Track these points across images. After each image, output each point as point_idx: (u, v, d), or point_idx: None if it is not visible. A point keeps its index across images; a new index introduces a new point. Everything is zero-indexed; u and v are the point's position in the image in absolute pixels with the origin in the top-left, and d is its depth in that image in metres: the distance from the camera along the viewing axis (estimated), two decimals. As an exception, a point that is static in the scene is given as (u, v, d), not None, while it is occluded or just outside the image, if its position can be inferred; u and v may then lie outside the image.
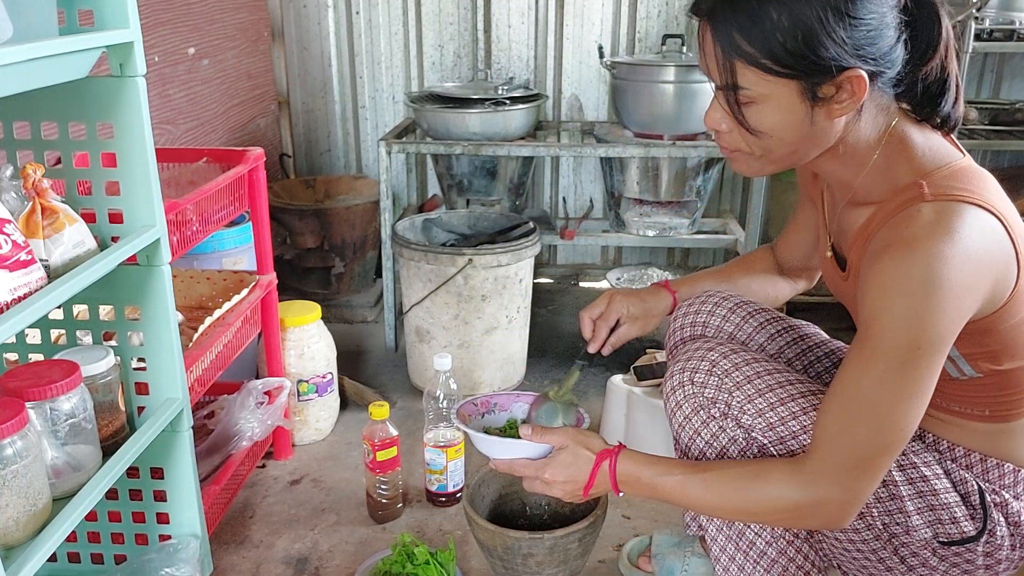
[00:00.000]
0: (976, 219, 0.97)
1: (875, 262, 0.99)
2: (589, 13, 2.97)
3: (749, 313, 1.37)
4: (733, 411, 1.18)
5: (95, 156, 1.30)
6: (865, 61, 0.98)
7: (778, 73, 0.99)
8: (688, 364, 1.23)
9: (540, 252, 2.36)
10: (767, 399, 1.16)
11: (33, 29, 1.04)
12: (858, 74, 0.98)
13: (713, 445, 1.21)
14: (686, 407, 1.23)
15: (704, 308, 1.38)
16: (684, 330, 1.39)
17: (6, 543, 1.06)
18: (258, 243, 1.89)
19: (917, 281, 0.95)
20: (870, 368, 0.99)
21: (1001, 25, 2.57)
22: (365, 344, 2.68)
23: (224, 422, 1.78)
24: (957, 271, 0.95)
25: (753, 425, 1.17)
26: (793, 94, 1.00)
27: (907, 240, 0.97)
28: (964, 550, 1.11)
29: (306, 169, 3.24)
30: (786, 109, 1.02)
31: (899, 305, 0.96)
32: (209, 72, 2.55)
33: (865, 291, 1.00)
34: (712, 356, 1.21)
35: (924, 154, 1.06)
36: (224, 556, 1.67)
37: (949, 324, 0.97)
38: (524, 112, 2.51)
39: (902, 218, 1.00)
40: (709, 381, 1.20)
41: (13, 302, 1.04)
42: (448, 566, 1.54)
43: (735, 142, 1.09)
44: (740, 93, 1.02)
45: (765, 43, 0.98)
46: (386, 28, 3.04)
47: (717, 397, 1.19)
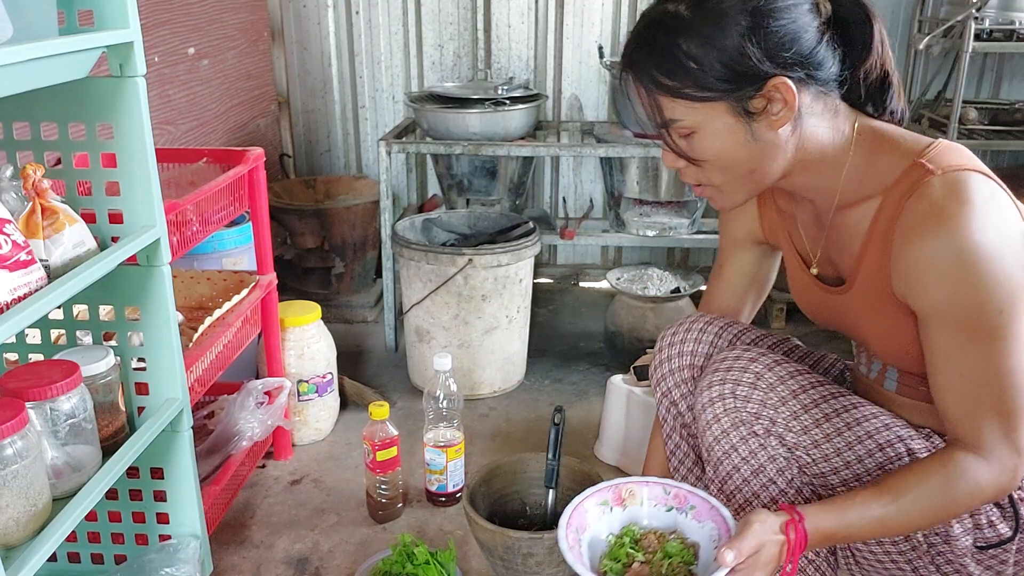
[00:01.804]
0: (986, 185, 0.99)
1: (909, 246, 1.00)
2: (589, 13, 2.97)
3: (735, 335, 1.31)
4: (777, 428, 1.14)
5: (95, 156, 1.30)
6: (787, 67, 1.00)
7: (703, 99, 1.01)
8: (729, 375, 1.17)
9: (540, 252, 2.36)
10: (812, 415, 1.13)
11: (33, 29, 1.04)
12: (782, 81, 1.00)
13: (749, 462, 1.17)
14: (724, 421, 1.17)
15: (690, 336, 1.32)
16: (672, 361, 1.32)
17: (6, 543, 1.06)
18: (258, 243, 1.89)
19: (968, 253, 0.96)
20: (969, 347, 0.99)
21: (1001, 25, 2.57)
22: (365, 344, 2.68)
23: (224, 422, 1.78)
24: (996, 231, 0.97)
25: (798, 443, 1.14)
26: (726, 115, 1.02)
27: (933, 216, 0.98)
28: (1000, 551, 1.12)
29: (306, 169, 3.24)
30: (724, 132, 1.03)
31: (961, 284, 0.97)
32: (209, 72, 2.55)
33: (914, 279, 1.01)
34: (756, 368, 1.16)
35: (906, 140, 1.07)
36: (224, 556, 1.67)
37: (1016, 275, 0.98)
38: (524, 112, 2.52)
39: (918, 198, 1.00)
40: (753, 395, 1.15)
41: (13, 302, 1.04)
42: (448, 566, 1.54)
43: (696, 177, 1.11)
44: (675, 127, 1.05)
45: (682, 74, 1.01)
46: (386, 28, 3.04)
47: (761, 412, 1.14)
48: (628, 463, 1.95)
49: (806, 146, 1.07)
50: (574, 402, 2.30)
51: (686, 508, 1.13)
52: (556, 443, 1.53)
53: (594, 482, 1.53)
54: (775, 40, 0.99)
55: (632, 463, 1.94)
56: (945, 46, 2.67)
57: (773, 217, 1.29)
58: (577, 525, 1.12)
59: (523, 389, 2.39)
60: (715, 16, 0.99)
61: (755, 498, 1.17)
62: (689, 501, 1.13)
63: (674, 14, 1.02)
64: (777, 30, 0.99)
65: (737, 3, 0.99)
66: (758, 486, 1.17)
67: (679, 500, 1.14)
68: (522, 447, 2.07)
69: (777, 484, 1.17)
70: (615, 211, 2.65)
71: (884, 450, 1.11)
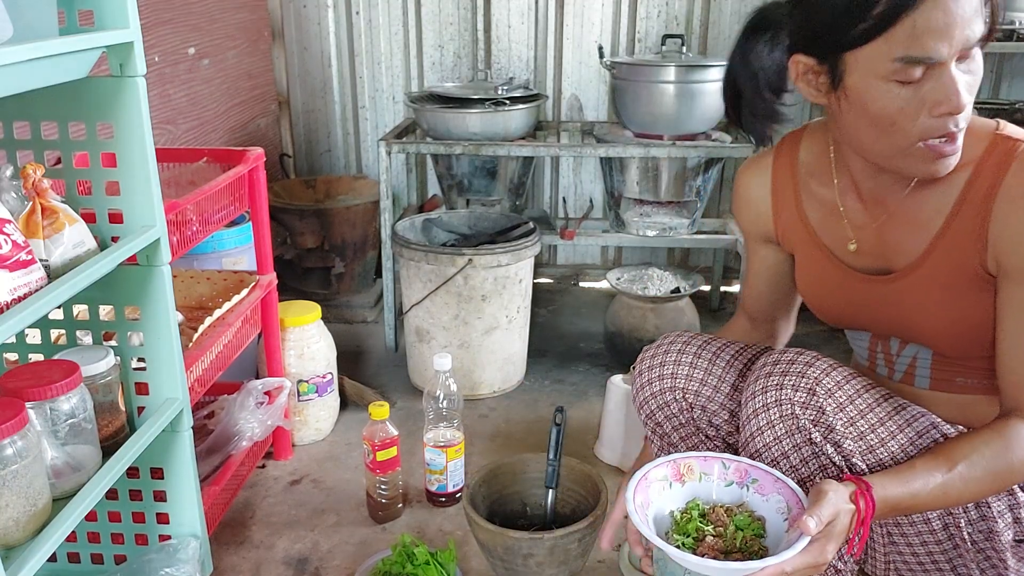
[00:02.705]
0: None
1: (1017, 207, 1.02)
2: (589, 13, 2.97)
3: (715, 353, 1.29)
4: (835, 435, 1.10)
5: (95, 156, 1.30)
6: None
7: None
8: (786, 380, 1.12)
9: (540, 252, 2.36)
10: (868, 420, 1.11)
11: (33, 29, 1.04)
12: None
13: (800, 470, 1.13)
14: (779, 428, 1.12)
15: (669, 358, 1.30)
16: (653, 384, 1.30)
17: (6, 543, 1.06)
18: (258, 243, 1.89)
19: None
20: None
21: (1001, 25, 2.57)
22: (365, 344, 2.68)
23: (224, 422, 1.78)
24: None
25: (853, 450, 1.11)
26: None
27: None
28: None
29: (306, 169, 3.24)
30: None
31: None
32: (209, 72, 2.55)
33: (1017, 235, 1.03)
34: (814, 373, 1.11)
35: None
36: (224, 556, 1.67)
37: None
38: (524, 112, 2.52)
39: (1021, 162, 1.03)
40: (811, 402, 1.10)
41: (13, 302, 1.04)
42: (448, 566, 1.54)
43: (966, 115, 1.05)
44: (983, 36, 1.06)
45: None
46: (386, 28, 3.04)
47: (819, 420, 1.10)
48: (628, 463, 1.95)
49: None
50: (574, 402, 2.30)
51: (747, 482, 1.11)
52: (557, 443, 1.53)
53: (594, 482, 1.54)
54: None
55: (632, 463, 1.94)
56: (945, 46, 2.67)
57: (791, 216, 1.27)
58: (642, 500, 1.09)
59: (523, 389, 2.39)
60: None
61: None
62: (751, 475, 1.11)
63: None
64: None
65: None
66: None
67: (740, 474, 1.11)
68: (522, 447, 2.07)
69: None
70: (615, 211, 2.65)
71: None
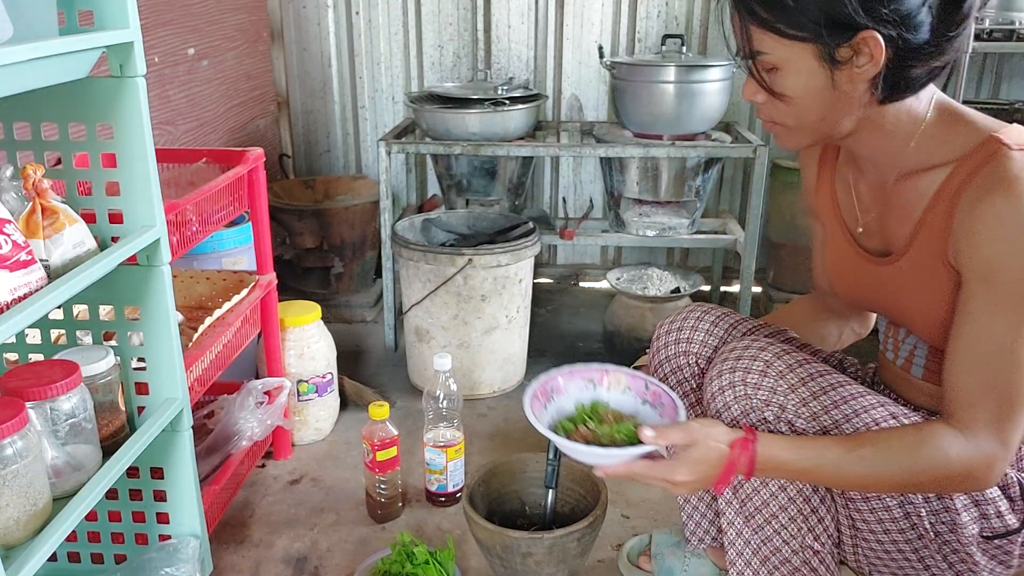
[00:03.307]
0: None
1: (977, 204, 1.00)
2: (589, 13, 2.97)
3: (732, 324, 1.35)
4: (787, 414, 1.14)
5: (95, 156, 1.30)
6: (881, 23, 0.98)
7: (793, 37, 1.01)
8: (740, 364, 1.17)
9: (540, 252, 2.36)
10: (821, 402, 1.13)
11: (33, 29, 1.05)
12: (872, 35, 0.99)
13: None
14: (735, 408, 1.17)
15: (687, 324, 1.36)
16: (669, 348, 1.37)
17: (6, 543, 1.06)
18: (258, 243, 1.89)
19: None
20: (1000, 316, 1.00)
21: (1001, 25, 2.57)
22: (365, 344, 2.69)
23: (224, 422, 1.78)
24: None
25: (807, 430, 1.14)
26: (811, 58, 1.02)
27: (1006, 182, 0.98)
28: (1006, 542, 1.12)
29: (306, 169, 3.24)
30: (806, 74, 1.03)
31: (1014, 246, 0.98)
32: (209, 73, 2.55)
33: (972, 234, 1.01)
34: (766, 356, 1.17)
35: (983, 119, 1.08)
36: (224, 556, 1.67)
37: None
38: (524, 112, 2.52)
39: (994, 166, 1.01)
40: (763, 382, 1.15)
41: (13, 302, 1.04)
42: (447, 566, 1.54)
43: (770, 113, 1.11)
44: (761, 60, 1.06)
45: (779, 9, 1.01)
46: (386, 28, 3.04)
47: (771, 400, 1.15)
48: (627, 463, 1.95)
49: (884, 107, 1.07)
50: (574, 402, 2.30)
51: (657, 405, 1.21)
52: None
53: (594, 482, 1.54)
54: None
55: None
56: (944, 46, 2.67)
57: (825, 192, 1.29)
58: (553, 387, 1.24)
59: (523, 389, 2.38)
60: None
61: (763, 485, 1.18)
62: (661, 399, 1.20)
63: None
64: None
65: None
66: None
67: (654, 397, 1.21)
68: (521, 447, 2.07)
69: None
70: (615, 211, 2.65)
71: None
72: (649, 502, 1.84)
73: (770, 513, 1.18)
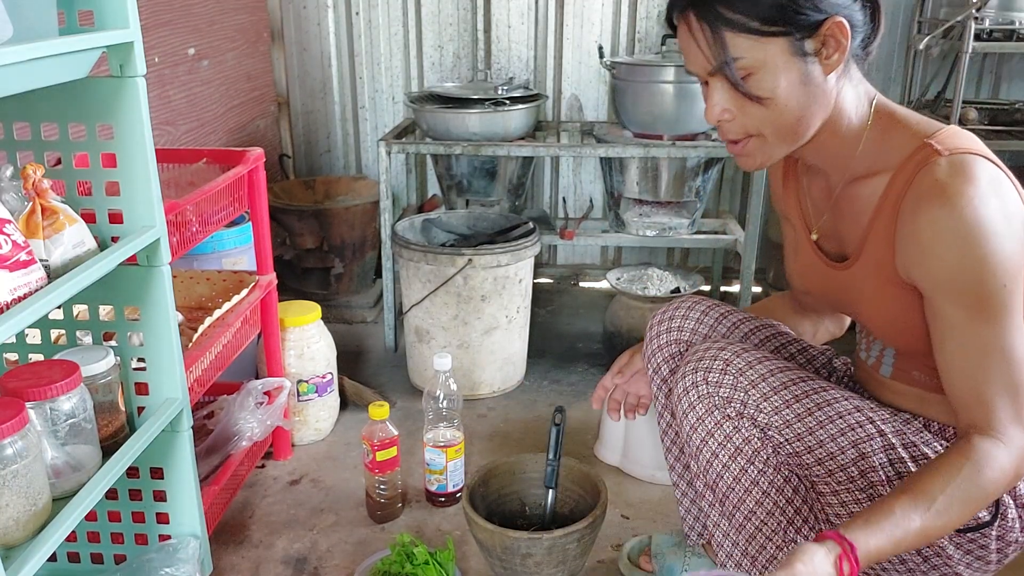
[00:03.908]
0: (992, 170, 1.03)
1: (915, 218, 1.03)
2: (589, 13, 2.97)
3: (722, 314, 1.39)
4: (749, 410, 1.18)
5: (95, 157, 1.30)
6: (842, 7, 1.03)
7: (768, 33, 1.03)
8: (701, 364, 1.22)
9: (540, 252, 2.36)
10: (782, 396, 1.17)
11: (33, 29, 1.05)
12: (838, 20, 1.02)
13: (726, 446, 1.20)
14: (699, 408, 1.22)
15: (678, 313, 1.40)
16: (661, 337, 1.40)
17: (6, 543, 1.06)
18: (258, 243, 1.89)
19: (972, 228, 0.99)
20: (977, 320, 1.01)
21: (1001, 25, 2.57)
22: (365, 344, 2.69)
23: (224, 422, 1.78)
24: (998, 207, 1.00)
25: (769, 423, 1.17)
26: (785, 53, 1.04)
27: (938, 190, 1.01)
28: (979, 536, 1.13)
29: (306, 170, 3.24)
30: (783, 69, 1.05)
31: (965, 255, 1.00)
32: (209, 73, 2.55)
33: (919, 251, 1.04)
34: (725, 355, 1.21)
35: (918, 122, 1.11)
36: (223, 556, 1.67)
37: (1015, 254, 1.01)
38: (524, 112, 2.52)
39: (924, 174, 1.03)
40: (724, 380, 1.19)
41: (13, 302, 1.04)
42: (447, 566, 1.54)
43: (740, 128, 1.11)
44: (737, 65, 1.05)
45: (750, 6, 1.02)
46: (386, 29, 3.04)
47: (732, 396, 1.19)
48: (628, 463, 1.95)
49: (840, 106, 1.10)
50: (573, 402, 2.30)
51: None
52: (557, 444, 1.53)
53: (594, 482, 1.54)
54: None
55: (632, 464, 1.94)
56: (944, 47, 2.67)
57: (791, 194, 1.32)
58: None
59: (522, 389, 2.39)
60: None
61: (736, 482, 1.20)
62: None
63: None
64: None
65: None
66: (737, 469, 1.20)
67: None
68: (521, 447, 2.07)
69: (755, 464, 1.20)
70: (615, 211, 2.65)
71: (855, 430, 1.14)
72: (649, 503, 1.84)
73: (748, 510, 1.20)
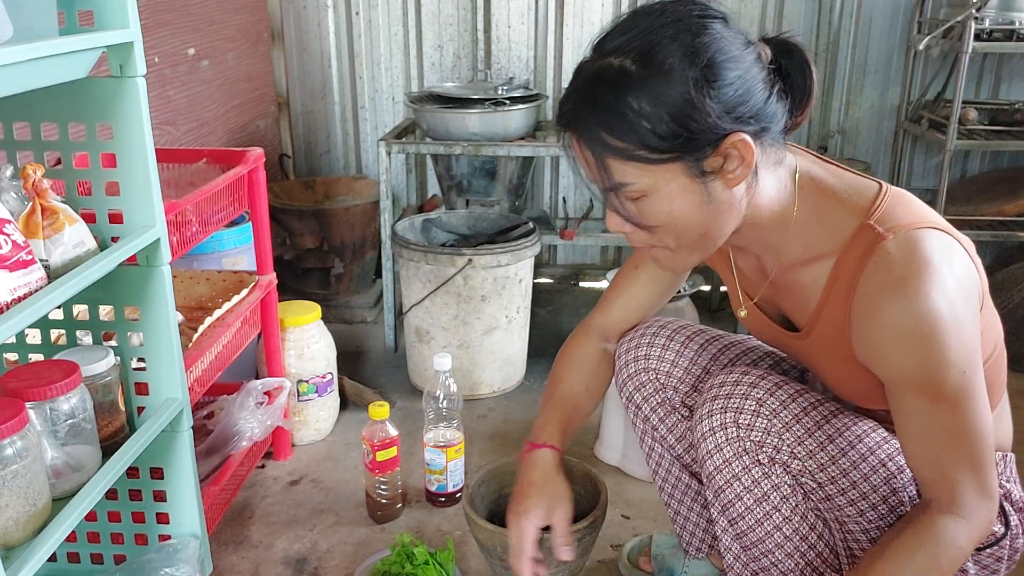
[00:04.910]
0: (938, 240, 0.98)
1: (879, 318, 0.98)
2: (589, 13, 2.98)
3: (688, 337, 1.34)
4: (782, 455, 1.12)
5: (95, 157, 1.30)
6: (743, 122, 0.95)
7: (657, 160, 0.96)
8: (730, 403, 1.13)
9: (540, 252, 2.36)
10: (817, 438, 1.11)
11: (33, 29, 1.05)
12: (740, 138, 0.95)
13: (752, 491, 1.15)
14: (727, 451, 1.14)
15: (644, 341, 1.35)
16: (629, 366, 1.36)
17: (6, 543, 1.06)
18: (258, 244, 1.89)
19: (932, 322, 0.95)
20: (939, 406, 0.99)
21: (1001, 25, 2.57)
22: (365, 344, 2.69)
23: (224, 422, 1.78)
24: (956, 291, 0.96)
25: (803, 469, 1.12)
26: (681, 176, 0.97)
27: (892, 287, 0.96)
28: (996, 549, 1.13)
29: (306, 170, 3.24)
30: (679, 194, 0.98)
31: (925, 352, 0.96)
32: (209, 73, 2.55)
33: (878, 349, 1.00)
34: (757, 394, 1.13)
35: (848, 192, 1.05)
36: (223, 556, 1.67)
37: (973, 335, 0.99)
38: (524, 112, 2.52)
39: (875, 265, 0.99)
40: (756, 423, 1.12)
41: (13, 302, 1.04)
42: (447, 566, 1.54)
43: (643, 241, 1.06)
44: (626, 191, 0.99)
45: (634, 134, 0.95)
46: (386, 29, 3.04)
47: (765, 441, 1.12)
48: (628, 463, 1.95)
49: (757, 202, 1.04)
50: (574, 402, 2.30)
51: None
52: None
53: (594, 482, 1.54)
54: (730, 93, 0.94)
55: (633, 464, 1.94)
56: (944, 47, 2.67)
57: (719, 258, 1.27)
58: None
59: (523, 389, 2.39)
60: (665, 70, 0.93)
61: (758, 525, 1.17)
62: None
63: (620, 69, 0.95)
64: (731, 83, 0.94)
65: (687, 56, 0.93)
66: (761, 514, 1.16)
67: None
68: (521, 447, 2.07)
69: (781, 512, 1.16)
70: (615, 211, 2.65)
71: (886, 465, 1.12)
72: (649, 503, 1.84)
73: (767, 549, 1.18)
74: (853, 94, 3.05)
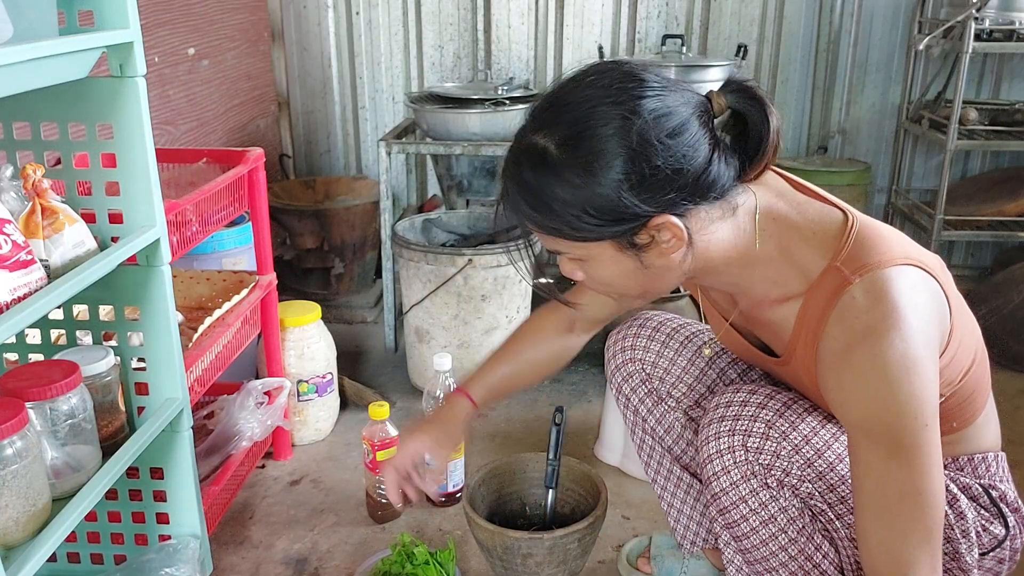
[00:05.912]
0: (904, 278, 0.96)
1: (844, 365, 0.97)
2: (589, 13, 2.98)
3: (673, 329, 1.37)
4: (791, 479, 1.11)
5: (95, 156, 1.30)
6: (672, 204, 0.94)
7: (583, 239, 0.97)
8: (738, 425, 1.11)
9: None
10: (826, 459, 1.09)
11: (33, 29, 1.05)
12: (665, 219, 0.94)
13: (759, 513, 1.13)
14: (735, 473, 1.11)
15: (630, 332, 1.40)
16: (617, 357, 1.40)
17: (6, 543, 1.06)
18: (258, 243, 1.89)
19: (895, 370, 0.93)
20: (894, 460, 0.96)
21: (1001, 25, 2.57)
22: (365, 344, 2.68)
23: (224, 422, 1.78)
24: (920, 337, 0.94)
25: (812, 492, 1.11)
26: (611, 249, 0.98)
27: (861, 334, 0.94)
28: (998, 551, 1.14)
29: (306, 170, 3.24)
30: (612, 263, 0.99)
31: (891, 400, 0.94)
32: (209, 73, 2.55)
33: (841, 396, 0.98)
34: (767, 415, 1.10)
35: (812, 230, 1.02)
36: (224, 556, 1.67)
37: (934, 385, 0.96)
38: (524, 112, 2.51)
39: (840, 311, 0.97)
40: (765, 447, 1.09)
41: (13, 302, 1.04)
42: (448, 566, 1.54)
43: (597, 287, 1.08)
44: (565, 256, 1.02)
45: (557, 218, 0.95)
46: (386, 29, 3.04)
47: (774, 464, 1.10)
48: (628, 463, 1.95)
49: (708, 255, 1.02)
50: (573, 402, 2.30)
51: None
52: (557, 443, 1.53)
53: (594, 482, 1.54)
54: (655, 181, 0.92)
55: (633, 464, 1.94)
56: (945, 47, 2.67)
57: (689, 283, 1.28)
58: None
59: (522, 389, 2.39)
60: (586, 160, 0.92)
61: (763, 544, 1.16)
62: None
63: (543, 151, 0.95)
64: (658, 169, 0.92)
65: (614, 142, 0.91)
66: (767, 535, 1.15)
67: None
68: (521, 447, 2.07)
69: (788, 533, 1.14)
70: (615, 211, 2.65)
71: None
72: (649, 503, 1.84)
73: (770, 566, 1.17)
74: (854, 94, 3.05)
